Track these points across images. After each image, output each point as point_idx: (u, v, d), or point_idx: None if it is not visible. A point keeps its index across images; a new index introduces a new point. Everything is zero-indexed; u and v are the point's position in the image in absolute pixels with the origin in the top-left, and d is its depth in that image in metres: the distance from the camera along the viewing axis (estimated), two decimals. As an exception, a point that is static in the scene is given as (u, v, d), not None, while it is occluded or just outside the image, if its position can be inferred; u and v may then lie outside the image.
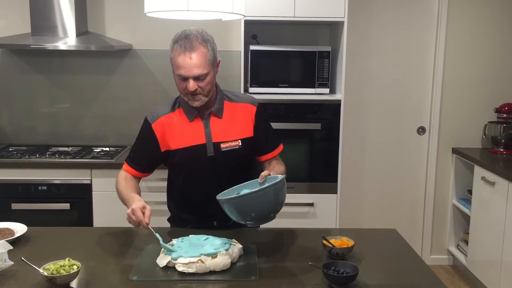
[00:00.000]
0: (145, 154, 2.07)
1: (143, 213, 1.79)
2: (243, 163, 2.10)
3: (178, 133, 2.02)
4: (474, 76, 3.88)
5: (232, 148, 2.03)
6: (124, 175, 2.09)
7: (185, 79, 1.91)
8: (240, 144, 2.04)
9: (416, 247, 3.99)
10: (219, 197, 1.77)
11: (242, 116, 2.07)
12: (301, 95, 3.36)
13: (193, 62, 1.89)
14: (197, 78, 1.91)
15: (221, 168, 2.02)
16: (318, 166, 3.41)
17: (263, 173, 1.88)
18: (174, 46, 1.92)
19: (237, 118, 2.06)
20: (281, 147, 2.19)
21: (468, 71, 3.87)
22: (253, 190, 1.72)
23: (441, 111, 3.90)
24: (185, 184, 2.07)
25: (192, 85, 1.91)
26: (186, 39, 1.91)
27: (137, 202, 1.83)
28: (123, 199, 1.99)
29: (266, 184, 1.73)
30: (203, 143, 2.01)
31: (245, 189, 1.85)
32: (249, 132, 2.07)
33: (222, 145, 2.02)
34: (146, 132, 2.05)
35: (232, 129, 2.04)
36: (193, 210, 2.12)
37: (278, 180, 1.73)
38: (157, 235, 1.78)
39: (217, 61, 1.99)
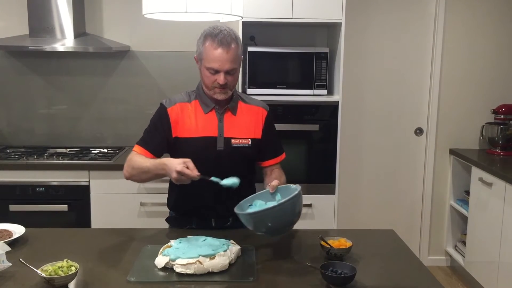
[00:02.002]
0: (159, 136, 2.05)
1: (188, 167, 1.80)
2: (248, 163, 2.14)
3: (191, 122, 2.04)
4: (471, 77, 3.89)
5: (242, 145, 2.06)
6: (135, 154, 2.04)
7: (216, 72, 1.96)
8: (250, 143, 2.07)
9: (414, 248, 4.00)
10: (237, 210, 1.82)
11: (254, 117, 2.12)
12: (299, 96, 3.36)
13: (228, 56, 1.94)
14: (227, 73, 1.97)
15: (227, 164, 2.03)
16: (316, 167, 3.42)
17: (273, 183, 1.94)
18: (208, 40, 1.96)
19: (249, 118, 2.11)
20: (283, 155, 2.23)
21: (465, 72, 3.88)
22: (271, 205, 1.75)
23: (439, 112, 3.91)
24: None
25: (223, 78, 1.96)
26: (221, 34, 1.95)
27: (175, 160, 1.84)
28: (148, 168, 1.95)
29: (283, 200, 1.76)
30: (215, 136, 2.04)
31: (258, 200, 1.91)
32: (258, 134, 2.11)
33: (233, 141, 2.05)
34: (162, 115, 2.06)
35: (243, 127, 2.08)
36: (193, 204, 2.11)
37: (296, 193, 1.77)
38: (213, 178, 1.84)
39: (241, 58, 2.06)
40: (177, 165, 1.80)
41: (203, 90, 2.06)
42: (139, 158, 2.01)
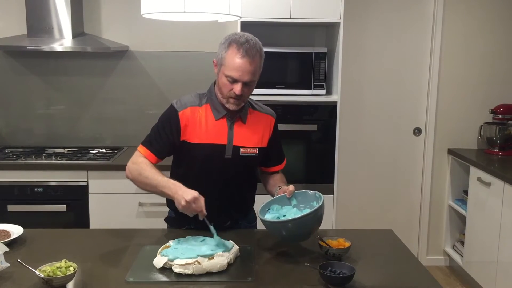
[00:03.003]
0: (166, 139, 2.02)
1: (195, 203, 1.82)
2: (252, 171, 2.15)
3: (201, 128, 2.01)
4: (469, 77, 3.89)
5: (249, 154, 2.04)
6: (146, 161, 2.00)
7: (235, 81, 1.92)
8: (258, 152, 2.06)
9: (413, 248, 4.00)
10: (261, 216, 1.85)
11: (263, 126, 2.10)
12: (298, 96, 3.36)
13: (250, 68, 1.91)
14: (245, 84, 1.93)
15: (234, 172, 2.04)
16: (314, 167, 3.42)
17: (291, 189, 1.95)
18: (233, 47, 1.91)
19: (258, 127, 2.09)
20: (285, 161, 2.25)
21: (464, 72, 3.89)
22: (298, 215, 1.79)
23: (437, 112, 3.92)
24: (193, 181, 2.01)
25: (240, 89, 1.91)
26: (247, 44, 1.91)
27: (191, 191, 1.83)
28: (157, 183, 1.92)
29: (309, 211, 1.79)
30: (224, 144, 2.02)
31: (274, 204, 1.95)
32: (265, 143, 2.10)
33: (242, 150, 2.03)
34: (172, 118, 2.01)
35: (252, 136, 2.06)
36: None
37: (320, 205, 1.80)
38: (211, 227, 1.83)
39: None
40: (190, 195, 1.80)
41: (215, 95, 2.02)
42: (151, 169, 1.96)
